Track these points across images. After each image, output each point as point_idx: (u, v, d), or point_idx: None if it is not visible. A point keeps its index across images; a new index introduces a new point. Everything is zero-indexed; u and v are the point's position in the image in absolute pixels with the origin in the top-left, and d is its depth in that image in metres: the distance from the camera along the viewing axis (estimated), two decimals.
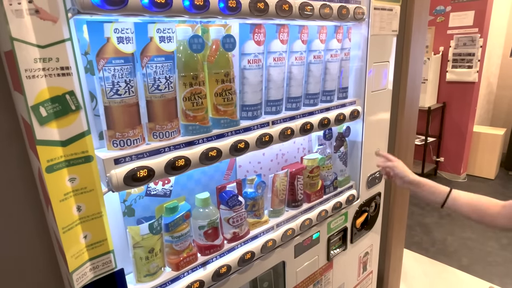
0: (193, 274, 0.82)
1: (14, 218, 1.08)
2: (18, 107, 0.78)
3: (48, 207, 0.87)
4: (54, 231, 0.90)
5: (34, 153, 0.76)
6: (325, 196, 1.14)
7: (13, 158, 1.04)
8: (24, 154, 1.04)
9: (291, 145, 1.13)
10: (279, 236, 0.98)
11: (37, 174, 0.89)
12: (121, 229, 0.77)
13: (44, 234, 1.10)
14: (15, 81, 0.59)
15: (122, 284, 0.67)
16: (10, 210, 1.07)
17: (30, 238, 1.11)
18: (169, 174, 0.70)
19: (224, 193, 0.88)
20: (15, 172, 1.05)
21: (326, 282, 1.23)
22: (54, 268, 1.16)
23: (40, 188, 0.93)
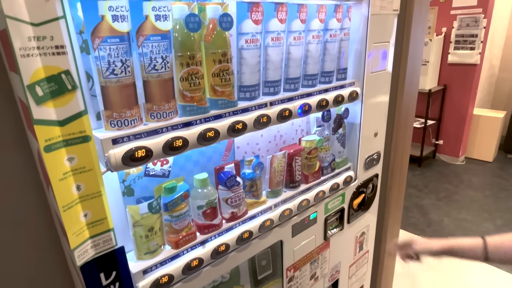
0: (193, 252, 0.84)
1: (16, 201, 1.10)
2: (15, 88, 0.78)
3: (48, 188, 0.88)
4: (56, 211, 0.91)
5: (32, 134, 0.76)
6: (322, 177, 1.15)
7: (13, 141, 1.04)
8: (23, 137, 1.04)
9: (289, 127, 1.13)
10: (276, 216, 1.00)
11: (37, 156, 0.90)
12: (121, 209, 0.78)
13: (46, 215, 1.12)
14: (10, 61, 0.59)
15: (123, 261, 0.69)
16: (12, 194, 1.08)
17: (32, 220, 1.13)
18: (167, 155, 0.70)
19: (222, 174, 0.89)
20: (15, 155, 1.06)
21: (323, 260, 1.26)
22: (57, 249, 1.19)
23: (40, 170, 0.94)
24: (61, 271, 1.24)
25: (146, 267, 0.76)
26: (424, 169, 4.02)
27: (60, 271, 1.24)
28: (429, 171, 3.96)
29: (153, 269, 0.78)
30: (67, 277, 1.22)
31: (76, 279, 1.04)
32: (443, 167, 4.06)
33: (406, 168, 1.63)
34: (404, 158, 1.58)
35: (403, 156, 1.56)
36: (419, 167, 4.07)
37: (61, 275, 1.26)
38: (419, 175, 3.89)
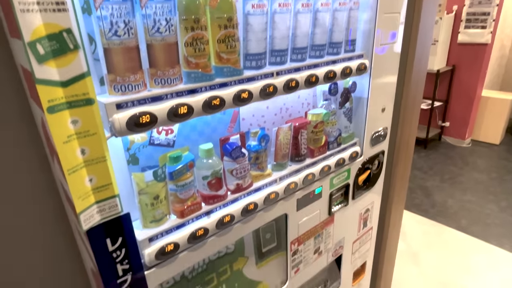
0: (198, 222, 0.84)
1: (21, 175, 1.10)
2: (17, 56, 0.76)
3: (53, 158, 0.88)
4: (61, 181, 0.91)
5: (35, 101, 0.76)
6: (328, 152, 1.14)
7: (15, 112, 1.03)
8: (26, 107, 1.04)
9: (295, 100, 1.11)
10: (281, 189, 0.99)
11: (40, 126, 0.89)
12: (126, 177, 0.78)
13: (53, 188, 1.12)
14: (11, 25, 0.57)
15: (128, 227, 0.69)
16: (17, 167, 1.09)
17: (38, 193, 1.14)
18: (172, 122, 0.69)
19: (227, 145, 0.88)
20: (19, 126, 1.05)
21: (327, 235, 1.27)
22: (63, 221, 1.20)
23: (44, 141, 0.94)
24: (66, 242, 1.26)
25: (152, 235, 0.77)
26: (430, 151, 3.99)
27: (66, 242, 1.26)
28: (435, 153, 3.94)
29: (158, 237, 0.78)
30: (73, 248, 1.24)
31: (82, 249, 1.06)
32: (449, 149, 4.02)
33: (413, 146, 1.61)
34: (411, 136, 1.56)
35: (410, 134, 1.53)
36: (425, 149, 4.04)
37: (66, 246, 1.28)
38: (424, 157, 3.86)
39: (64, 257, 1.28)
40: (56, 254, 1.26)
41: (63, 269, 1.29)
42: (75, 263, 1.27)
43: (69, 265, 1.27)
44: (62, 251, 1.27)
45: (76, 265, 1.27)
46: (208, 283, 0.97)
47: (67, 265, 1.27)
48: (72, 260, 1.30)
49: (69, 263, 1.27)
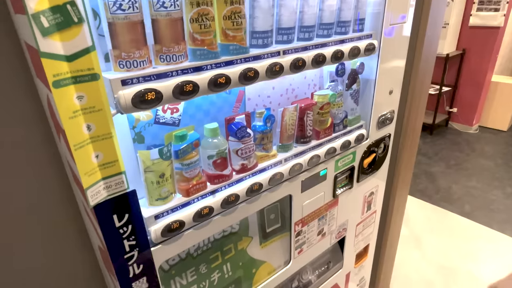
0: (203, 201, 0.85)
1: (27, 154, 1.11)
2: (22, 33, 0.76)
3: (59, 136, 0.89)
4: (68, 160, 0.92)
5: (40, 78, 0.75)
6: (334, 134, 1.13)
7: (21, 90, 1.03)
8: (31, 85, 1.03)
9: (301, 80, 1.10)
10: (286, 170, 0.99)
11: (46, 103, 0.90)
12: (132, 155, 0.78)
13: (59, 167, 1.13)
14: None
15: (135, 204, 0.70)
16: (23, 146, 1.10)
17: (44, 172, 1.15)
18: (177, 99, 0.69)
19: (233, 125, 0.87)
20: (24, 105, 1.05)
21: (331, 217, 1.28)
22: (70, 200, 1.22)
23: (50, 119, 0.94)
24: (73, 222, 1.28)
25: (158, 212, 0.78)
26: (436, 137, 3.95)
27: (73, 223, 1.28)
28: (441, 139, 3.90)
29: (164, 215, 0.79)
30: (80, 226, 1.26)
31: (90, 228, 1.07)
32: (455, 135, 3.99)
33: (419, 131, 1.60)
34: (418, 120, 1.54)
35: (417, 118, 1.52)
36: (431, 135, 4.01)
37: (73, 225, 1.30)
38: (429, 143, 3.83)
39: (72, 237, 1.31)
40: (63, 233, 1.29)
41: (72, 248, 1.32)
42: (83, 242, 1.29)
43: (77, 244, 1.30)
44: (70, 231, 1.29)
45: (84, 244, 1.29)
46: (213, 261, 0.99)
47: (75, 243, 1.30)
48: (80, 239, 1.32)
49: (78, 242, 1.29)
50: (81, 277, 1.41)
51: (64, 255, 1.33)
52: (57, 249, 1.30)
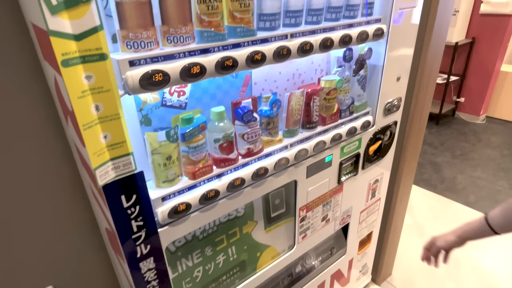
0: (209, 184, 0.86)
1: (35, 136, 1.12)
2: (29, 14, 0.76)
3: (67, 118, 0.90)
4: (76, 143, 0.93)
5: (48, 58, 0.75)
6: (340, 120, 1.13)
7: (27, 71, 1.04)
8: (37, 66, 1.04)
9: (308, 65, 1.09)
10: (292, 155, 1.00)
11: (54, 85, 0.90)
12: (139, 138, 0.79)
13: (65, 150, 1.14)
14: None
15: (142, 185, 0.70)
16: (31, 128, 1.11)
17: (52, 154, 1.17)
18: (185, 81, 0.69)
19: (239, 109, 0.87)
20: (33, 86, 1.06)
21: (335, 204, 1.28)
22: (77, 182, 1.23)
23: (57, 102, 0.95)
24: (81, 203, 1.30)
25: (165, 194, 0.79)
26: (442, 127, 3.92)
27: (81, 204, 1.30)
28: (447, 130, 3.87)
29: (171, 197, 0.80)
30: (87, 208, 1.28)
31: (97, 211, 1.09)
32: (462, 125, 3.95)
33: (426, 119, 1.58)
34: (425, 108, 1.52)
35: (424, 106, 1.50)
36: (437, 125, 3.97)
37: (82, 207, 1.33)
38: (435, 133, 3.80)
39: (79, 220, 1.33)
40: (71, 218, 1.31)
41: (79, 231, 1.34)
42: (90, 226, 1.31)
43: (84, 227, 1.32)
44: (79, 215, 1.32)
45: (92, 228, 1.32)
46: (218, 244, 1.00)
47: (82, 227, 1.32)
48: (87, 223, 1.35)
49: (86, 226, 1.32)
50: (89, 260, 1.44)
51: (71, 238, 1.36)
52: (64, 233, 1.33)
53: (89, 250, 1.43)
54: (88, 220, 1.36)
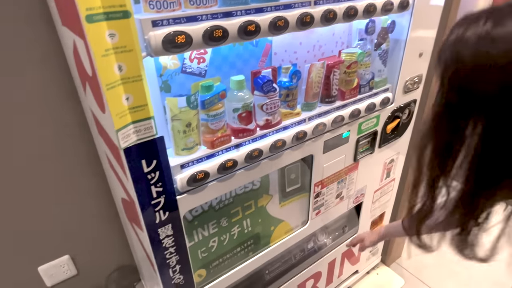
0: (227, 154, 0.85)
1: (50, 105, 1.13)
2: None
3: (85, 86, 0.89)
4: (92, 110, 0.93)
5: (68, 22, 0.74)
6: (359, 96, 1.10)
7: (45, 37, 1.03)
8: (54, 34, 1.03)
9: (329, 37, 1.06)
10: (310, 129, 0.98)
11: (72, 51, 0.89)
12: (158, 105, 0.78)
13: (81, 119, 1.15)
14: None
15: (162, 150, 0.70)
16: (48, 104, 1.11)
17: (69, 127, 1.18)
18: (207, 45, 0.67)
19: (259, 79, 0.86)
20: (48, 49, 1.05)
21: (350, 181, 1.27)
22: (92, 150, 1.24)
23: (75, 68, 0.94)
24: (96, 176, 1.32)
25: (183, 162, 0.79)
26: None
27: (96, 177, 1.32)
28: None
29: (189, 165, 0.80)
30: (102, 181, 1.30)
31: (112, 179, 1.10)
32: None
33: None
34: None
35: None
36: None
37: (97, 179, 1.35)
38: None
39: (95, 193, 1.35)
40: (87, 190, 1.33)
41: (95, 203, 1.36)
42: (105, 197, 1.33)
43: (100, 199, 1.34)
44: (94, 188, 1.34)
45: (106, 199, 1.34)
46: (234, 216, 1.01)
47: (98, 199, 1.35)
48: (102, 195, 1.37)
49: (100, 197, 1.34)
50: (103, 231, 1.47)
51: (86, 210, 1.38)
52: (80, 204, 1.36)
53: (104, 221, 1.46)
54: (103, 193, 1.38)
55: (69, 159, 1.23)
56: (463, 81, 0.49)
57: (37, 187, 1.22)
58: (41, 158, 1.18)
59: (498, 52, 0.45)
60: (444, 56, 0.51)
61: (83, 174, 1.28)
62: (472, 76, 0.48)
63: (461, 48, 0.49)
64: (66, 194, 1.29)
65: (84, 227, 1.40)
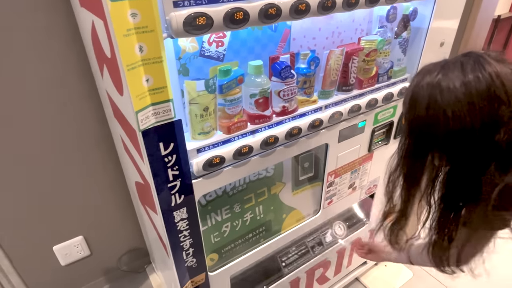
0: (243, 140, 0.85)
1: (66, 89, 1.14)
2: None
3: (102, 69, 0.89)
4: (109, 93, 0.93)
5: (87, 3, 0.74)
6: (377, 85, 1.08)
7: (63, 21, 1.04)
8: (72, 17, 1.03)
9: (349, 24, 1.03)
10: (326, 117, 0.97)
11: (90, 34, 0.89)
12: (176, 88, 0.78)
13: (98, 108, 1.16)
14: None
15: (180, 133, 0.70)
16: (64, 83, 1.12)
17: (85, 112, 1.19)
18: (227, 28, 0.66)
19: (277, 64, 0.84)
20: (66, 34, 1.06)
21: (363, 172, 1.26)
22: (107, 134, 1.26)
23: (92, 51, 0.94)
24: (111, 161, 1.33)
25: (200, 146, 0.79)
26: None
27: (111, 162, 1.34)
28: None
29: (205, 149, 0.80)
30: (116, 165, 1.31)
31: (126, 163, 1.11)
32: None
33: None
34: None
35: None
36: None
37: (112, 164, 1.36)
38: None
39: (108, 177, 1.37)
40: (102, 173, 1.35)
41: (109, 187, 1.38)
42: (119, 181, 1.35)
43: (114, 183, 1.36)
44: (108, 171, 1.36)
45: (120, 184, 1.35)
46: (247, 202, 1.01)
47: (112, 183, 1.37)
48: (116, 179, 1.39)
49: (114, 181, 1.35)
50: (116, 215, 1.50)
51: (101, 193, 1.40)
52: (95, 188, 1.38)
53: (117, 204, 1.49)
54: (117, 176, 1.40)
55: (85, 143, 1.25)
56: (420, 124, 0.59)
57: (54, 169, 1.24)
58: (58, 141, 1.20)
59: (443, 101, 0.54)
60: (406, 101, 0.62)
61: (98, 158, 1.30)
62: (426, 119, 0.57)
63: (418, 95, 0.58)
64: (81, 177, 1.31)
65: (97, 210, 1.43)
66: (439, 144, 0.58)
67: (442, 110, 0.54)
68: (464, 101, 0.52)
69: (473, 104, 0.52)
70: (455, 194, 0.62)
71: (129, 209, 1.50)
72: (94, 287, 1.60)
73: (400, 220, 0.74)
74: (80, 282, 1.56)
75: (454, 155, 0.57)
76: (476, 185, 0.56)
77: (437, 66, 0.58)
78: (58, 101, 1.11)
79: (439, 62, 0.59)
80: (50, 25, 1.01)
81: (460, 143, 0.55)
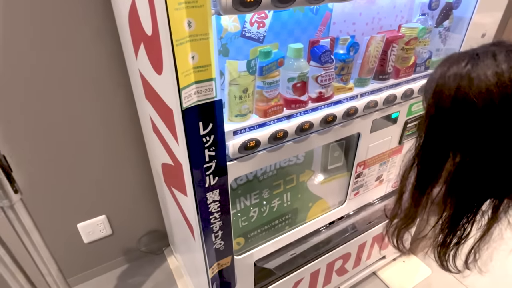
0: (279, 124, 0.84)
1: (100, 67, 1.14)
2: None
3: (138, 49, 0.89)
4: (142, 73, 0.93)
5: None
6: (413, 75, 1.05)
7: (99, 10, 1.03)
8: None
9: (389, 10, 1.00)
10: (362, 106, 0.95)
11: (127, 14, 0.88)
12: (215, 68, 0.77)
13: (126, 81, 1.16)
14: None
15: (219, 114, 0.69)
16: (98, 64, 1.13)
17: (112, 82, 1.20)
18: (275, 6, 0.64)
19: (316, 48, 0.82)
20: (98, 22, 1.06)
21: (392, 164, 1.24)
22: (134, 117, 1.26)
23: (128, 32, 0.94)
24: (136, 142, 1.34)
25: (236, 128, 0.78)
26: None
27: (136, 142, 1.35)
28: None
29: (242, 132, 0.79)
30: (141, 146, 1.32)
31: (153, 144, 1.11)
32: None
33: None
34: None
35: None
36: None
37: (136, 145, 1.37)
38: None
39: (133, 158, 1.38)
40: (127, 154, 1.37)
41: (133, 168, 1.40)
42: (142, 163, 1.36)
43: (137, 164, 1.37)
44: (133, 153, 1.37)
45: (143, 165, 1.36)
46: (275, 188, 1.01)
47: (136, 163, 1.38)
48: (140, 160, 1.40)
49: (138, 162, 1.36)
50: (138, 195, 1.52)
51: (124, 173, 1.42)
52: (119, 168, 1.39)
53: (139, 186, 1.50)
54: (141, 158, 1.41)
55: (111, 124, 1.26)
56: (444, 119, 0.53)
57: (81, 148, 1.26)
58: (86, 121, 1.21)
59: (473, 93, 0.49)
60: (428, 94, 0.56)
61: (124, 140, 1.31)
62: (451, 113, 0.52)
63: (443, 87, 0.52)
64: (106, 157, 1.33)
65: (121, 190, 1.45)
66: (464, 140, 0.52)
67: (471, 103, 0.49)
68: (497, 93, 0.47)
69: (507, 96, 0.47)
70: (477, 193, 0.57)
71: (151, 191, 1.52)
72: (114, 266, 1.64)
73: (408, 222, 0.70)
74: (100, 260, 1.59)
75: (481, 153, 0.52)
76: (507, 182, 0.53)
77: (465, 56, 0.52)
78: (90, 76, 1.12)
79: (466, 51, 0.54)
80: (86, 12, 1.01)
81: (489, 139, 0.50)
